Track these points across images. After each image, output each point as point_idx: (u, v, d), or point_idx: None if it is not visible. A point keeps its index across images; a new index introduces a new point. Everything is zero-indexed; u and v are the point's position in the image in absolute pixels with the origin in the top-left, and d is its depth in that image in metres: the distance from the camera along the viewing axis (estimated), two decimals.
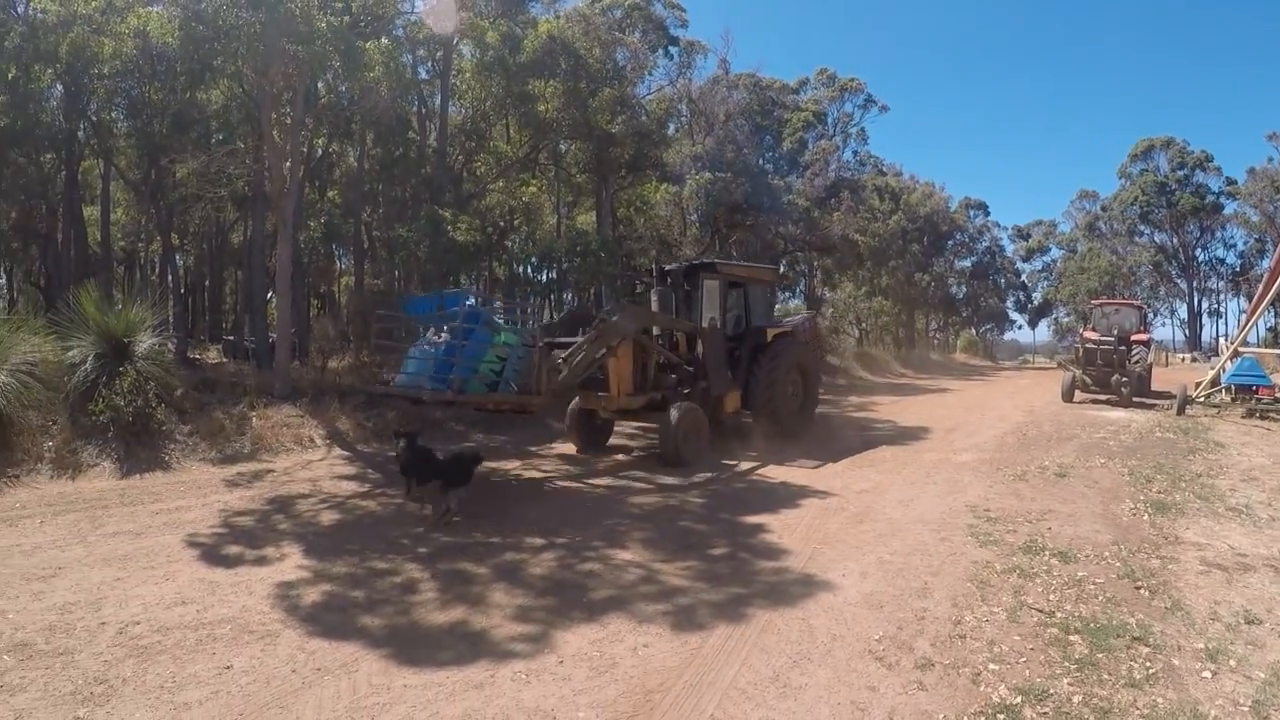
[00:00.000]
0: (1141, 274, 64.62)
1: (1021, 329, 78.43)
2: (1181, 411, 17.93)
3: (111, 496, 9.39)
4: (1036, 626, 5.54)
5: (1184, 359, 51.28)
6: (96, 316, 11.84)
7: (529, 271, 28.63)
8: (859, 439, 14.96)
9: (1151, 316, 57.67)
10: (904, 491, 10.10)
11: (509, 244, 25.47)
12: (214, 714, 4.35)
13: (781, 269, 36.50)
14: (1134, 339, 22.23)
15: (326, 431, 13.19)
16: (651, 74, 27.79)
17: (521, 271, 29.43)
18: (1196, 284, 65.50)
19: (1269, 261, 26.34)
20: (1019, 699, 4.50)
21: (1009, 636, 5.37)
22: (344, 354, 18.12)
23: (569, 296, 25.60)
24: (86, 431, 10.83)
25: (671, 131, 28.64)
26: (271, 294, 21.84)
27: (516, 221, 26.54)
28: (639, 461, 12.51)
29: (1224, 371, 19.48)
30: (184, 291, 32.81)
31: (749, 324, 14.45)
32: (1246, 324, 21.62)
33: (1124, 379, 20.58)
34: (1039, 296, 74.61)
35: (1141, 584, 6.40)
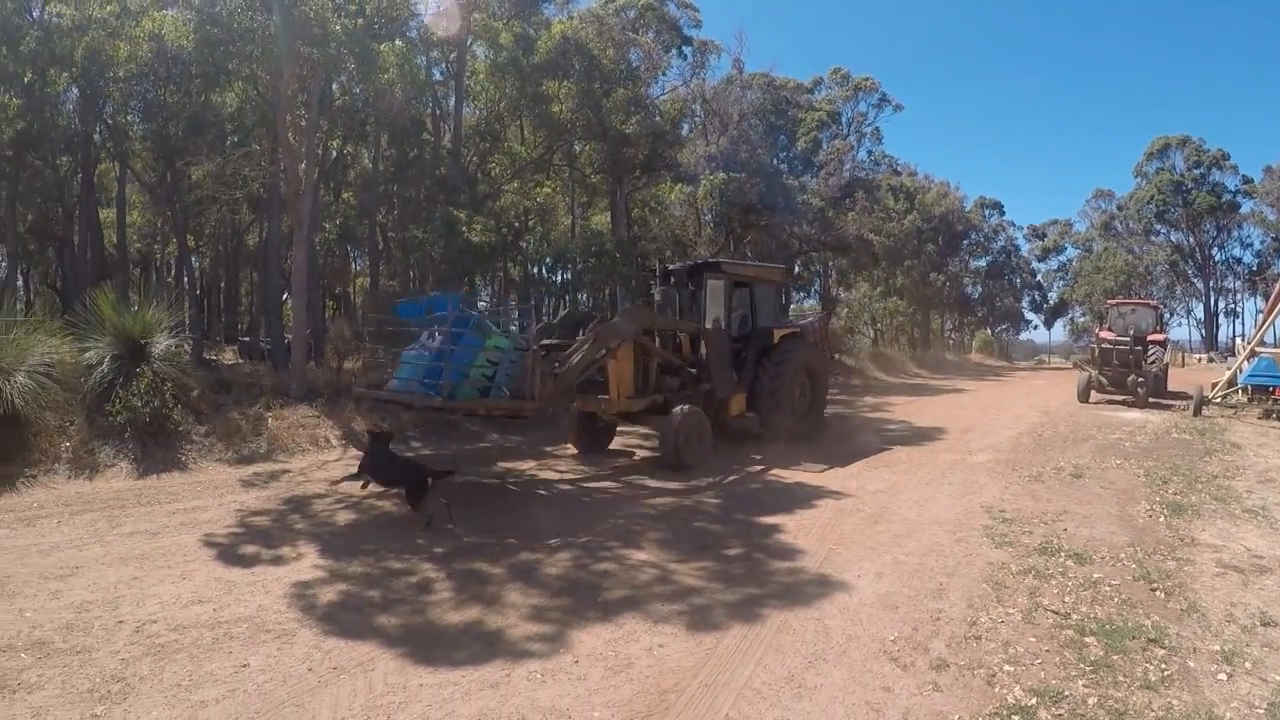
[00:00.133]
0: (1158, 273, 64.19)
1: (1037, 329, 78.20)
2: (1198, 412, 17.80)
3: (128, 496, 9.44)
4: (1052, 628, 5.50)
5: (1200, 359, 50.83)
6: (113, 318, 11.90)
7: (543, 272, 28.70)
8: (874, 439, 14.90)
9: (1168, 316, 57.33)
10: (919, 492, 10.05)
11: (524, 245, 25.51)
12: (231, 712, 4.36)
13: (796, 269, 36.43)
14: (1150, 339, 22.07)
15: (342, 432, 13.24)
16: (665, 74, 27.89)
17: (536, 272, 29.49)
18: (1213, 283, 64.97)
19: None
20: (1034, 700, 4.48)
21: (1024, 638, 5.35)
22: (359, 355, 18.16)
23: (584, 297, 25.60)
24: (103, 432, 10.90)
25: (685, 132, 28.59)
26: (287, 295, 21.96)
27: (531, 222, 26.60)
28: (653, 463, 12.41)
29: (1240, 372, 19.30)
30: (200, 293, 33.05)
31: (755, 325, 14.15)
32: (1263, 324, 21.39)
33: (1140, 379, 20.45)
34: (1054, 296, 74.32)
35: (1157, 586, 6.35)
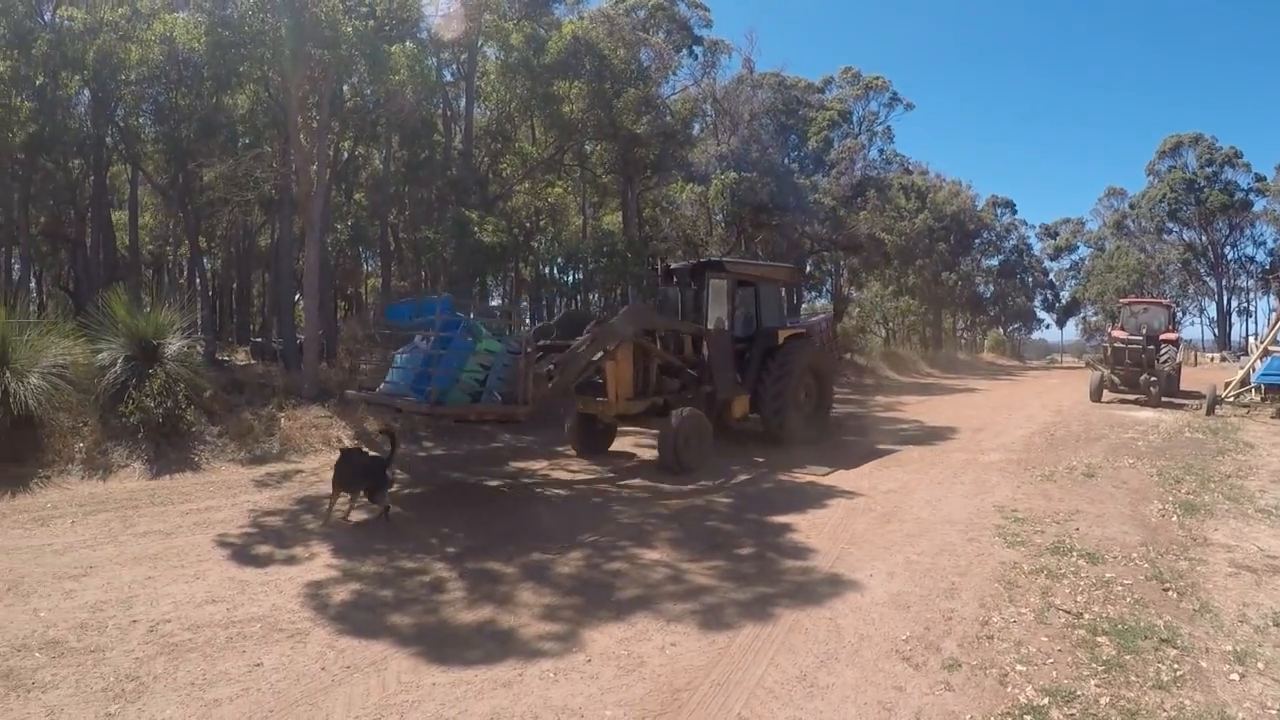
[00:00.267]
0: (1170, 272, 63.84)
1: (1049, 328, 77.83)
2: (1211, 411, 17.70)
3: (142, 497, 9.46)
4: (1064, 628, 5.50)
5: (1213, 358, 50.52)
6: (126, 319, 11.91)
7: (555, 272, 28.72)
8: (886, 439, 14.86)
9: (1180, 315, 56.90)
10: (931, 491, 10.02)
11: (535, 245, 25.58)
12: (244, 711, 4.36)
13: (808, 268, 36.35)
14: (1163, 338, 21.99)
15: (354, 432, 13.25)
16: (676, 74, 27.80)
17: (548, 272, 29.52)
18: (1226, 282, 64.52)
19: None
20: (1046, 700, 4.48)
21: (1036, 637, 5.35)
22: (371, 355, 18.19)
23: (596, 297, 25.63)
24: (116, 433, 10.93)
25: (696, 131, 28.55)
26: (299, 296, 22.01)
27: (543, 222, 26.66)
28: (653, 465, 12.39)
29: (1254, 371, 19.19)
30: (212, 294, 33.07)
31: (760, 325, 13.82)
32: (1276, 322, 21.28)
33: (1153, 378, 20.35)
34: (1067, 295, 73.88)
35: (1170, 585, 6.33)
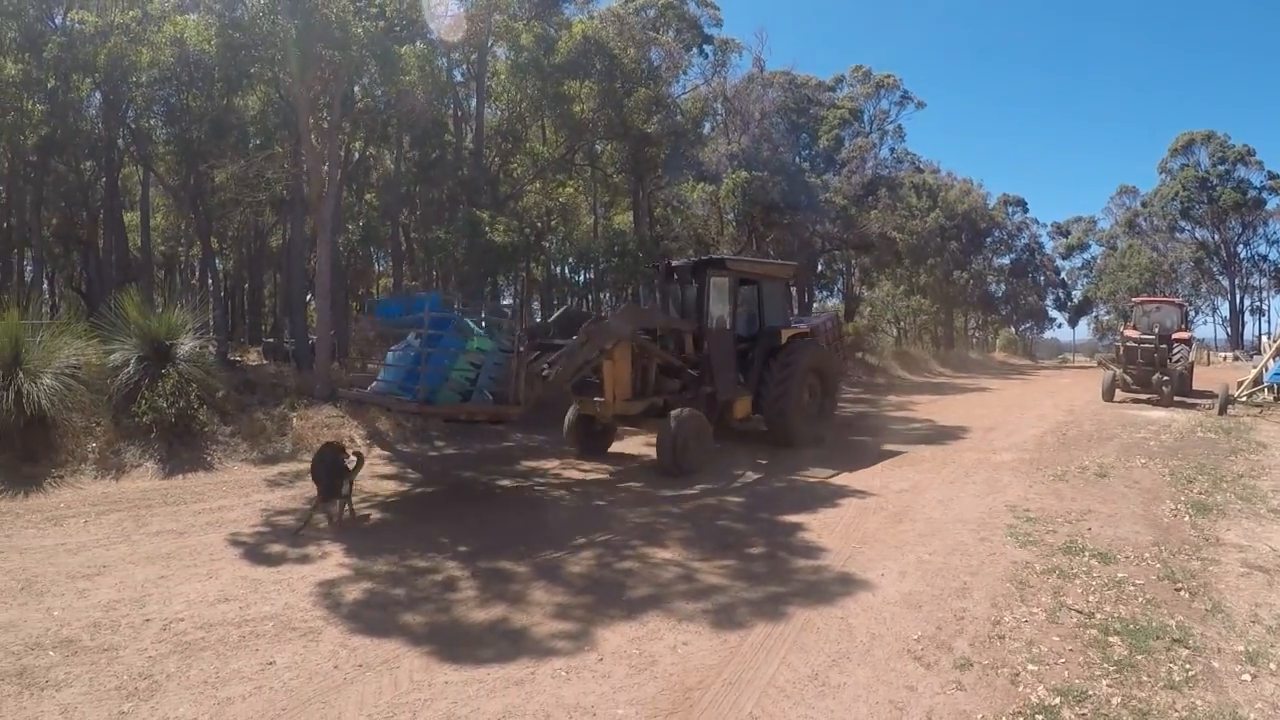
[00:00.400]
0: (1182, 271, 63.24)
1: (1061, 327, 77.28)
2: (1223, 411, 17.55)
3: (155, 496, 9.48)
4: (1076, 627, 5.52)
5: (1226, 357, 50.21)
6: (138, 320, 11.95)
7: (566, 272, 28.70)
8: (897, 438, 14.83)
9: (1193, 314, 56.45)
10: (943, 491, 10.01)
11: (546, 244, 25.53)
12: (257, 709, 4.38)
13: (819, 268, 36.26)
14: (1175, 337, 21.79)
15: (366, 432, 13.26)
16: (686, 73, 27.63)
17: (559, 272, 29.50)
18: (1238, 281, 63.80)
19: None
20: (1057, 700, 4.47)
21: (1048, 637, 5.34)
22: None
23: (607, 296, 25.64)
24: (129, 433, 10.96)
25: (707, 130, 28.43)
26: (311, 296, 22.05)
27: (554, 222, 26.61)
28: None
29: (1266, 370, 19.04)
30: (224, 295, 33.21)
31: (763, 324, 13.56)
32: None
33: (1165, 378, 20.19)
34: (1079, 294, 73.34)
35: (1182, 586, 6.33)
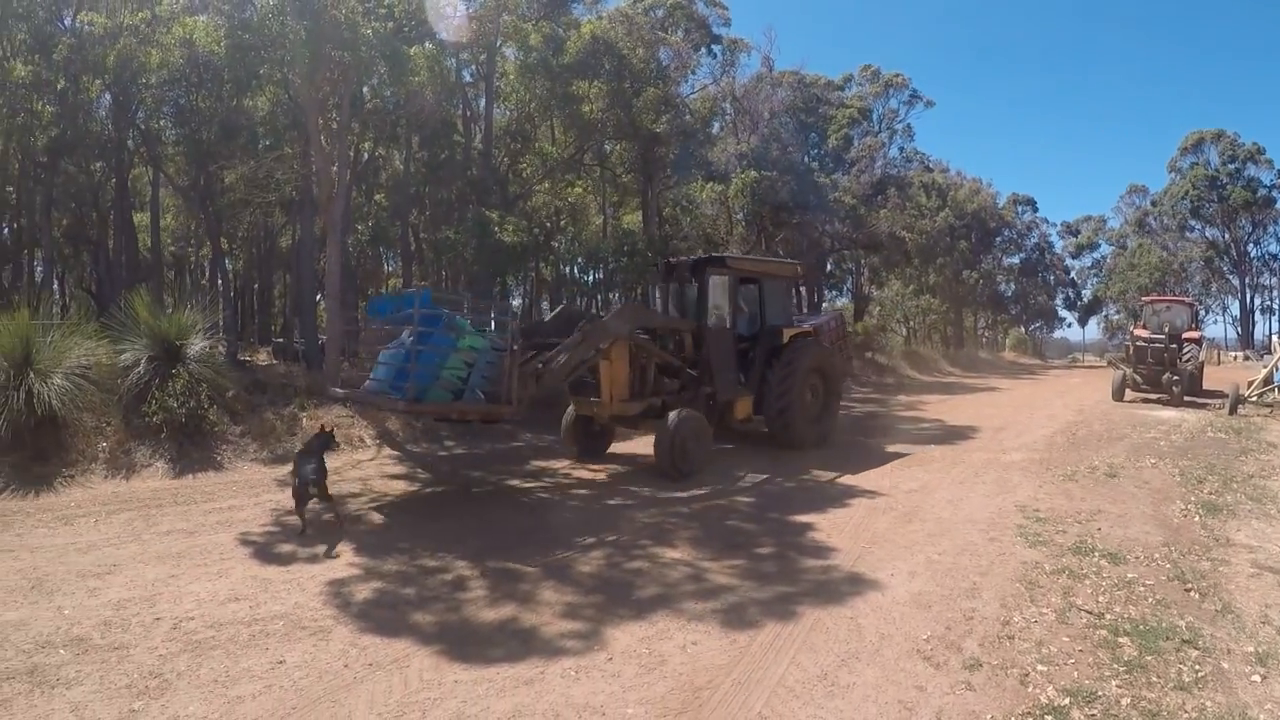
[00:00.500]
0: (1192, 270, 62.84)
1: (1071, 327, 76.98)
2: (1233, 411, 17.43)
3: (165, 496, 9.50)
4: (1085, 628, 5.52)
5: (1236, 357, 49.98)
6: (148, 320, 11.96)
7: (575, 272, 28.68)
8: (907, 438, 14.79)
9: (1203, 314, 56.29)
10: (953, 491, 9.98)
11: (556, 245, 25.52)
12: (267, 708, 4.39)
13: (829, 267, 36.18)
14: (1185, 337, 21.66)
15: (376, 431, 13.27)
16: (695, 73, 27.63)
17: (568, 272, 29.49)
18: (1249, 280, 63.35)
19: None
20: (1067, 700, 4.47)
21: (1058, 637, 5.33)
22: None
23: (616, 296, 25.62)
24: (140, 433, 10.97)
25: (716, 130, 28.44)
26: (320, 296, 22.13)
27: (563, 222, 26.61)
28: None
29: (1277, 370, 18.91)
30: (234, 295, 33.36)
31: (764, 323, 13.33)
32: None
33: (1175, 378, 20.08)
34: (1088, 294, 72.96)
35: (1192, 586, 6.31)
